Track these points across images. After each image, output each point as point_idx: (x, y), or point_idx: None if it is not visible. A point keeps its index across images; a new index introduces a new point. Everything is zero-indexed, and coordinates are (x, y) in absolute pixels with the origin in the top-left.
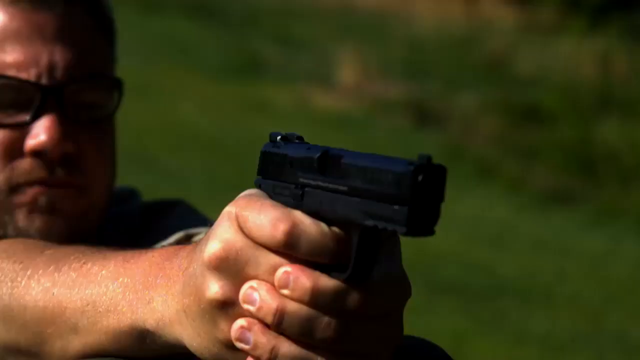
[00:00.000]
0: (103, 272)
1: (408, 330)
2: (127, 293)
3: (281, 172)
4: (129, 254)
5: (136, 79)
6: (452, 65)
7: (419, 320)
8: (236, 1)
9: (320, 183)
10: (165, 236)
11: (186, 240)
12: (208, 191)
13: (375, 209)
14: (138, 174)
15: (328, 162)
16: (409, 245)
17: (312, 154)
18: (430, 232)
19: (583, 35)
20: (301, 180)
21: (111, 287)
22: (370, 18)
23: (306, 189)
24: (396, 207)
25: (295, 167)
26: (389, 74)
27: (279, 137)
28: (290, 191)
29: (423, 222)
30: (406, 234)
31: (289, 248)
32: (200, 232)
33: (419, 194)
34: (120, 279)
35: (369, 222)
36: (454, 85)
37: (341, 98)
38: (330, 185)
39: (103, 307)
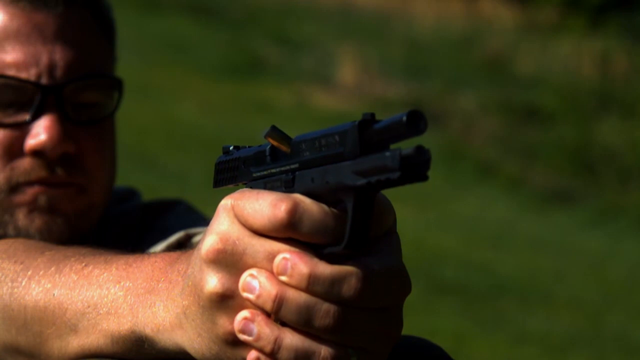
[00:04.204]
0: (104, 274)
1: (408, 330)
2: (129, 296)
3: (236, 176)
4: (131, 257)
5: (136, 79)
6: (452, 65)
7: (419, 320)
8: (236, 1)
9: (272, 170)
10: (165, 236)
11: (186, 239)
12: (208, 191)
13: (367, 164)
14: (138, 174)
15: (279, 150)
16: (409, 245)
17: (263, 148)
18: (423, 177)
19: (583, 35)
20: (254, 174)
21: (113, 290)
22: (370, 18)
23: (297, 172)
24: (387, 153)
25: (248, 165)
26: (388, 74)
27: (231, 147)
28: (282, 181)
29: (415, 165)
30: (400, 179)
31: (291, 227)
32: (200, 232)
33: (368, 146)
34: (122, 282)
35: (362, 182)
36: (454, 85)
37: (341, 98)
38: (283, 168)
39: (104, 309)
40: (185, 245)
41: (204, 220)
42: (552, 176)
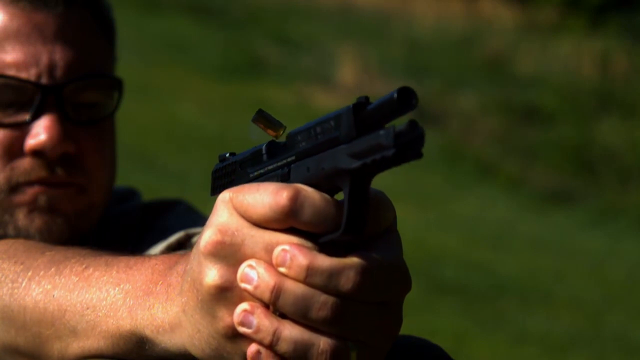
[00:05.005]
0: (105, 277)
1: (408, 330)
2: (128, 299)
3: (233, 180)
4: (132, 260)
5: (136, 79)
6: (452, 65)
7: (419, 320)
8: (236, 1)
9: (269, 167)
10: (165, 236)
11: (186, 239)
12: (208, 191)
13: (361, 145)
14: (138, 174)
15: (276, 146)
16: (409, 245)
17: (259, 147)
18: (418, 154)
19: (583, 35)
20: (251, 175)
21: (112, 292)
22: (370, 18)
23: (292, 165)
24: (381, 132)
25: (245, 167)
26: (388, 74)
27: (227, 154)
28: (278, 176)
29: (410, 142)
30: (395, 156)
31: (293, 215)
32: (200, 232)
33: (367, 125)
34: (122, 285)
35: (356, 164)
36: (454, 85)
37: (341, 98)
38: (279, 163)
39: (103, 311)
40: (185, 245)
41: (204, 220)
42: (552, 176)
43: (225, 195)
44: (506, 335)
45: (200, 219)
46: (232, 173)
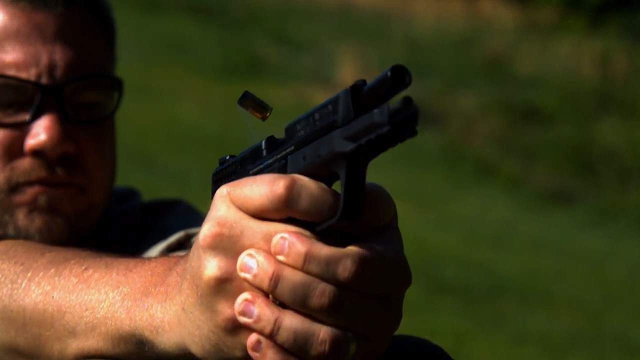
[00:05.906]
0: (104, 279)
1: (408, 330)
2: (126, 301)
3: (234, 179)
4: (131, 262)
5: (136, 79)
6: (452, 65)
7: (419, 320)
8: (236, 1)
9: (268, 162)
10: (165, 236)
11: (186, 239)
12: (208, 191)
13: (356, 126)
14: (138, 174)
15: (276, 141)
16: (409, 245)
17: (259, 144)
18: (412, 132)
19: (583, 35)
20: (251, 172)
21: (111, 294)
22: (370, 18)
23: (289, 156)
24: (376, 110)
25: (245, 165)
26: None
27: (227, 157)
28: (276, 170)
29: (404, 119)
30: (390, 134)
31: (290, 204)
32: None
33: (364, 105)
34: (120, 288)
35: (352, 146)
36: (454, 85)
37: None
38: (278, 156)
39: (101, 313)
40: (185, 245)
41: (203, 220)
42: (552, 176)
43: (222, 190)
44: (506, 335)
45: (200, 219)
46: (232, 173)
